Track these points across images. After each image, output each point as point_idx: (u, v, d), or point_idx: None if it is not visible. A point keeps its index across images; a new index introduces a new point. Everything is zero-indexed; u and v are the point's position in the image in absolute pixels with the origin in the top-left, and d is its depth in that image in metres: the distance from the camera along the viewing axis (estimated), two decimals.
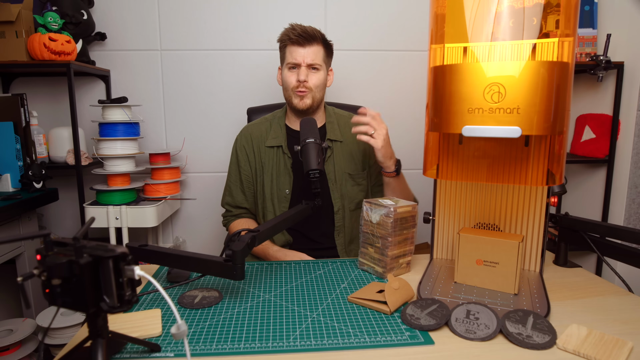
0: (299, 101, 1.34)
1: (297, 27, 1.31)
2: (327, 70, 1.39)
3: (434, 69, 0.89)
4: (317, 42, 1.33)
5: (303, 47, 1.31)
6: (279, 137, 1.40)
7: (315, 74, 1.34)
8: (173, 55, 1.95)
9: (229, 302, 0.90)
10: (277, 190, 1.38)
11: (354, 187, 1.40)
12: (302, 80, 1.31)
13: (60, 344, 1.53)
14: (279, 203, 1.38)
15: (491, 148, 0.96)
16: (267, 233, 1.00)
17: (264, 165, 1.40)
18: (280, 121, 1.43)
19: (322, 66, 1.35)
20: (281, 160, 1.39)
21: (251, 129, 1.45)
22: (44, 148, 1.77)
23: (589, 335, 0.74)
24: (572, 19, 0.84)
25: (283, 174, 1.38)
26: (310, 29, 1.31)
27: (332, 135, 1.41)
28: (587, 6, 1.90)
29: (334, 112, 1.48)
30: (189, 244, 2.08)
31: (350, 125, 1.44)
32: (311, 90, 1.34)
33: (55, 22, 1.66)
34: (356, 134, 1.31)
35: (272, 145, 1.40)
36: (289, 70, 1.35)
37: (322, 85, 1.36)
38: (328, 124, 1.43)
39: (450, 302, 0.87)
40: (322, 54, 1.34)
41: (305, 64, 1.32)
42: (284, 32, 1.34)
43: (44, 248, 0.56)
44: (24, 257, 1.58)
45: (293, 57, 1.32)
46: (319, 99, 1.37)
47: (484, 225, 1.07)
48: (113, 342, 0.71)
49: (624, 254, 0.99)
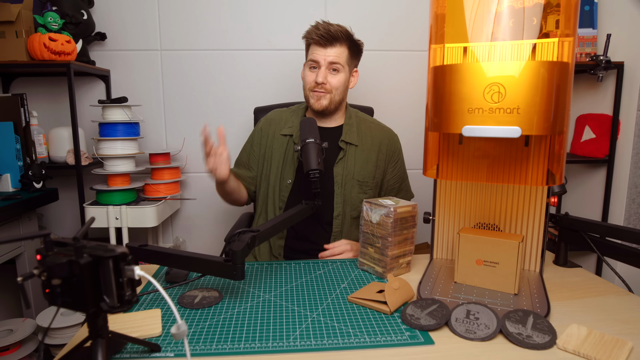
0: (314, 102, 1.34)
1: (321, 27, 1.29)
2: (349, 72, 1.37)
3: (434, 69, 0.89)
4: (341, 43, 1.30)
5: (324, 48, 1.30)
6: (294, 127, 1.40)
7: (335, 75, 1.32)
8: (173, 55, 1.95)
9: (229, 302, 0.90)
10: (281, 178, 1.38)
11: (360, 194, 1.37)
12: (319, 82, 1.30)
13: (60, 344, 1.53)
14: (279, 191, 1.37)
15: (491, 148, 0.96)
16: (267, 233, 1.00)
17: (274, 152, 1.40)
18: (300, 113, 1.44)
19: (344, 67, 1.33)
20: (290, 149, 1.38)
21: (275, 114, 1.47)
22: (44, 148, 1.77)
23: (589, 335, 0.74)
24: (572, 19, 0.84)
25: (289, 164, 1.38)
26: (334, 30, 1.28)
27: (347, 137, 1.38)
28: (587, 6, 1.90)
29: (356, 114, 1.45)
30: (189, 244, 2.08)
31: (371, 131, 1.42)
32: (330, 91, 1.33)
33: (55, 22, 1.66)
34: (378, 140, 1.39)
35: (285, 134, 1.40)
36: (309, 69, 1.34)
37: (342, 87, 1.34)
38: (346, 125, 1.40)
39: (450, 302, 0.87)
40: (345, 55, 1.32)
41: (326, 65, 1.31)
42: (309, 30, 1.33)
43: (44, 248, 0.56)
44: (24, 257, 1.58)
45: (314, 57, 1.31)
46: (337, 101, 1.36)
47: (484, 225, 1.07)
48: (113, 342, 0.71)
49: (624, 254, 0.99)
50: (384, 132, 1.44)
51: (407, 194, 1.49)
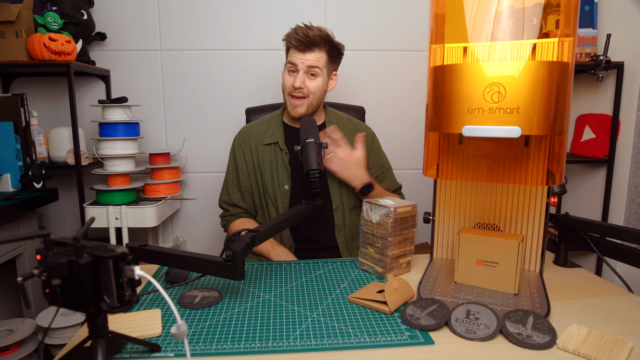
0: (291, 109, 1.35)
1: (300, 31, 1.29)
2: (328, 75, 1.38)
3: (434, 69, 0.89)
4: (320, 48, 1.31)
5: (303, 53, 1.30)
6: (276, 134, 1.40)
7: (313, 80, 1.33)
8: (173, 55, 1.95)
9: (229, 302, 0.90)
10: (278, 187, 1.38)
11: None
12: (297, 87, 1.31)
13: (60, 344, 1.53)
14: (280, 199, 1.38)
15: (491, 148, 0.96)
16: (267, 233, 1.00)
17: (263, 164, 1.40)
18: (278, 119, 1.44)
19: (323, 71, 1.33)
20: (279, 156, 1.39)
21: (249, 129, 1.46)
22: (44, 148, 1.77)
23: (589, 335, 0.74)
24: (572, 19, 0.84)
25: (281, 170, 1.38)
26: (313, 35, 1.28)
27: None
28: (587, 6, 1.90)
29: (333, 112, 1.48)
30: (189, 244, 2.08)
31: (348, 127, 1.45)
32: (307, 96, 1.33)
33: (55, 22, 1.66)
34: (354, 135, 1.37)
35: (269, 143, 1.40)
36: (287, 72, 1.35)
37: (319, 91, 1.35)
38: (328, 122, 1.43)
39: (450, 302, 0.87)
40: (324, 59, 1.33)
41: (304, 69, 1.31)
42: (289, 33, 1.33)
43: (44, 248, 0.56)
44: (24, 257, 1.58)
45: (292, 60, 1.32)
46: (315, 105, 1.36)
47: (484, 225, 1.07)
48: (113, 342, 0.71)
49: (624, 254, 0.99)
50: (359, 126, 1.50)
51: (394, 182, 1.50)
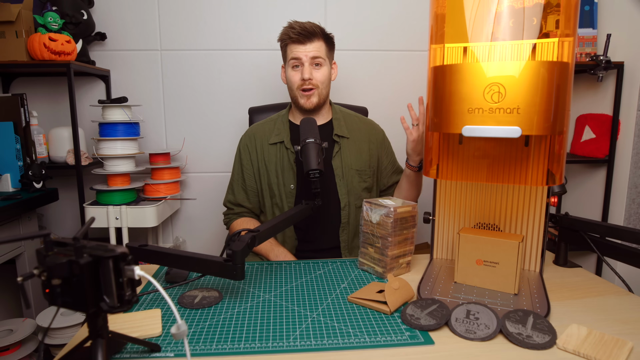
0: (305, 101, 1.35)
1: (295, 25, 1.31)
2: (330, 65, 1.40)
3: (434, 69, 0.89)
4: (318, 38, 1.33)
5: (304, 45, 1.31)
6: (282, 133, 1.41)
7: (319, 70, 1.34)
8: (173, 55, 1.95)
9: (229, 302, 0.90)
10: (283, 186, 1.39)
11: (361, 183, 1.41)
12: (306, 79, 1.32)
13: (60, 344, 1.53)
14: (285, 199, 1.38)
15: (491, 148, 0.96)
16: (267, 233, 1.00)
17: (268, 164, 1.40)
18: (284, 118, 1.44)
19: (326, 61, 1.35)
20: (284, 155, 1.39)
21: (255, 128, 1.46)
22: (44, 148, 1.77)
23: (589, 335, 0.74)
24: (572, 19, 0.84)
25: (287, 169, 1.38)
26: (309, 25, 1.31)
27: (339, 131, 1.41)
28: (587, 6, 1.90)
29: (340, 110, 1.48)
30: (189, 244, 2.08)
31: (357, 124, 1.46)
32: (317, 86, 1.34)
33: (55, 22, 1.66)
34: (365, 132, 1.40)
35: (274, 142, 1.40)
36: (292, 69, 1.35)
37: (327, 80, 1.37)
38: (335, 120, 1.43)
39: (450, 302, 0.87)
40: (324, 48, 1.35)
41: (308, 61, 1.32)
42: (284, 32, 1.34)
43: (44, 248, 0.56)
44: (24, 257, 1.58)
45: (295, 55, 1.32)
46: (325, 95, 1.38)
47: (484, 225, 1.07)
48: (113, 342, 0.71)
49: (624, 254, 0.99)
50: (368, 124, 1.49)
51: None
